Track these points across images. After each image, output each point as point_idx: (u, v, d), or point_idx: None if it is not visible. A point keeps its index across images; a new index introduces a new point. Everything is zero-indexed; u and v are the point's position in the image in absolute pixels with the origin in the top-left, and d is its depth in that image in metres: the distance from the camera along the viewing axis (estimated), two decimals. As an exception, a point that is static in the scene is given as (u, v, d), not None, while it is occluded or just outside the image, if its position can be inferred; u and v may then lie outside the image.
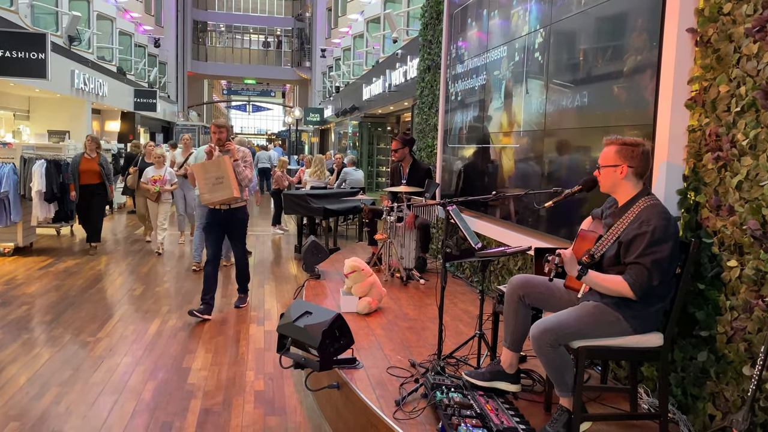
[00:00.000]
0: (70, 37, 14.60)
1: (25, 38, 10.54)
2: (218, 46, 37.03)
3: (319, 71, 30.82)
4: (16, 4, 12.07)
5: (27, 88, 12.77)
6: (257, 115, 54.98)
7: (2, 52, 10.13)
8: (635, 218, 2.65)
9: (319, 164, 10.86)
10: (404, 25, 14.68)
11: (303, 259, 6.22)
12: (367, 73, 18.06)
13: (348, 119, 20.64)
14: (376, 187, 17.96)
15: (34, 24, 13.36)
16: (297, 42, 36.43)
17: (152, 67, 24.41)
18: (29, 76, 10.55)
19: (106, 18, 18.17)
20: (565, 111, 4.02)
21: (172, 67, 29.76)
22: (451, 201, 3.47)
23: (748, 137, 2.52)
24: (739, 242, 2.58)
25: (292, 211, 8.87)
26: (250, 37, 37.66)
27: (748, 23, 2.54)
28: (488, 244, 5.18)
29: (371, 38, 18.39)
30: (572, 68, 3.95)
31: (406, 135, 6.66)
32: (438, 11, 7.26)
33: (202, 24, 36.13)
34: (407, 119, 15.88)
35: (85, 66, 14.82)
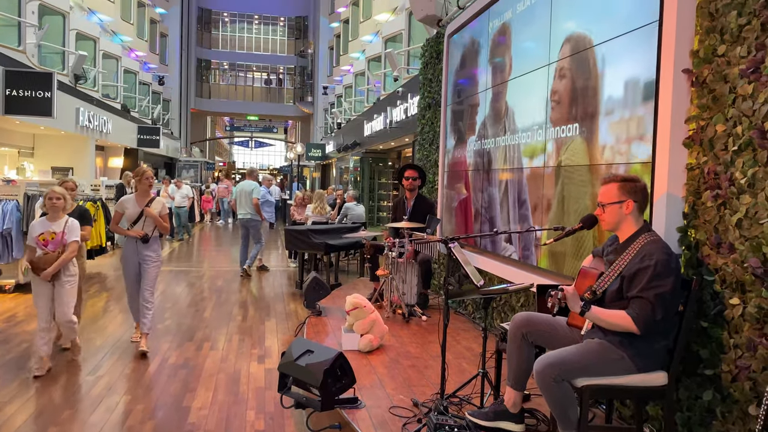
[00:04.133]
0: (76, 75, 14.85)
1: (31, 77, 10.72)
2: (221, 84, 37.55)
3: (321, 108, 31.18)
4: (24, 44, 12.31)
5: (32, 126, 12.92)
6: (259, 150, 55.35)
7: (9, 91, 10.29)
8: (637, 253, 2.67)
9: (320, 199, 10.92)
10: (405, 64, 14.91)
11: (304, 295, 6.21)
12: (368, 109, 18.26)
13: (349, 155, 20.79)
14: (377, 222, 17.98)
15: (41, 63, 13.59)
16: (299, 79, 36.95)
17: (156, 104, 24.74)
18: (35, 114, 10.69)
19: (111, 57, 18.50)
20: (565, 148, 4.06)
21: (176, 104, 30.15)
22: (453, 238, 3.48)
23: (746, 176, 2.55)
24: (740, 280, 2.58)
25: (294, 246, 8.87)
26: (253, 74, 38.21)
27: (743, 64, 2.59)
28: (490, 280, 5.17)
29: (372, 76, 18.66)
30: (574, 106, 4.01)
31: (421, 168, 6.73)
32: (438, 51, 7.39)
33: (206, 62, 36.71)
34: (408, 154, 15.99)
35: (89, 104, 15.02)
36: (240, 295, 8.39)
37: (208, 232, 18.53)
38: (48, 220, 4.89)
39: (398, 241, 5.92)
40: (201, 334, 6.24)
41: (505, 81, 5.14)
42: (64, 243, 4.82)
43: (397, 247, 5.90)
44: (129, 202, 5.47)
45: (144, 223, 5.43)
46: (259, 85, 38.03)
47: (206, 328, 6.47)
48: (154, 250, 5.51)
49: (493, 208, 5.35)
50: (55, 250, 4.78)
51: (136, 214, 5.43)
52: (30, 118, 11.22)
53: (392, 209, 7.01)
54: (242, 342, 5.95)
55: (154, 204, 5.49)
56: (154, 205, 5.47)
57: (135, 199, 5.48)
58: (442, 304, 3.38)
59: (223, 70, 37.84)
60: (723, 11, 2.72)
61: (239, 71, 37.78)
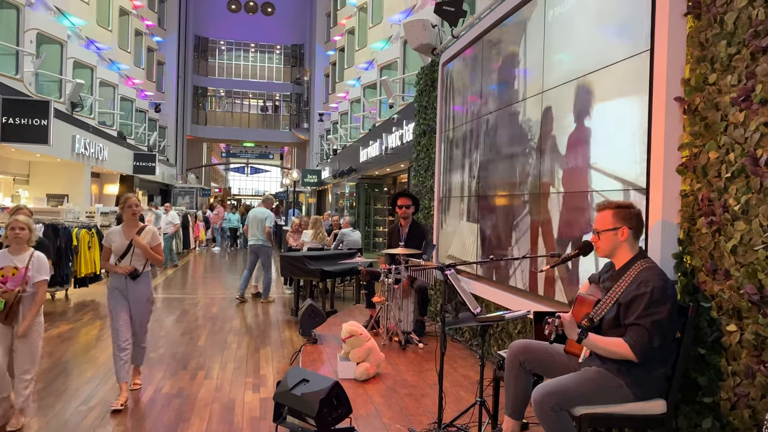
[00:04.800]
0: (73, 103, 14.92)
1: (28, 105, 10.76)
2: (218, 111, 37.81)
3: (316, 134, 31.38)
4: (22, 73, 12.39)
5: (27, 153, 12.95)
6: (255, 176, 55.51)
7: (6, 119, 10.32)
8: (633, 280, 2.67)
9: (317, 225, 10.92)
10: (400, 91, 15.06)
11: (300, 322, 6.17)
12: (364, 136, 18.38)
13: (345, 180, 20.86)
14: (373, 248, 17.96)
15: (38, 91, 13.66)
16: (295, 105, 37.24)
17: (152, 131, 24.84)
18: (31, 141, 10.71)
19: (108, 84, 18.62)
20: (556, 175, 4.09)
21: (172, 131, 30.29)
22: (450, 265, 3.48)
23: (740, 202, 2.56)
24: (737, 306, 2.58)
25: (289, 273, 8.84)
26: (249, 101, 38.51)
27: (734, 92, 2.63)
28: (487, 307, 5.15)
29: (368, 103, 18.82)
30: (565, 134, 4.04)
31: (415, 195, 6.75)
32: (432, 78, 7.47)
33: (202, 89, 37.01)
34: (404, 180, 16.06)
35: (86, 131, 15.07)
36: (235, 323, 8.33)
37: (203, 259, 18.47)
38: (10, 253, 4.18)
39: (394, 268, 5.91)
40: (195, 362, 6.17)
41: (500, 108, 5.19)
42: (27, 281, 4.09)
43: (393, 274, 5.88)
44: (115, 234, 4.92)
45: (132, 256, 4.84)
46: (255, 111, 38.32)
47: (200, 357, 6.40)
48: (145, 286, 4.94)
49: (497, 233, 5.35)
50: (15, 288, 4.03)
51: (123, 246, 4.85)
52: (26, 146, 11.25)
53: (388, 236, 7.01)
54: (237, 370, 5.89)
55: (144, 234, 4.91)
56: (143, 235, 4.90)
57: (122, 231, 4.91)
58: (439, 332, 3.36)
59: (219, 98, 38.14)
60: (713, 41, 2.76)
61: (235, 98, 38.08)
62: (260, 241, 10.08)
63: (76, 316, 8.64)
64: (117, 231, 4.94)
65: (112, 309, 4.85)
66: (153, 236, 4.96)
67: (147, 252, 4.84)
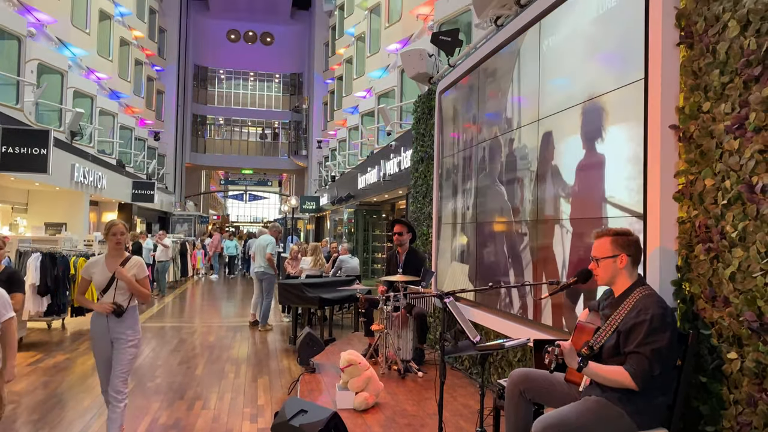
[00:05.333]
0: (72, 132, 14.99)
1: (28, 135, 10.82)
2: (217, 139, 38.05)
3: (315, 161, 31.52)
4: (22, 102, 12.48)
5: (26, 182, 12.97)
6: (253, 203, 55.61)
7: (5, 148, 10.37)
8: (632, 308, 2.66)
9: (317, 253, 10.91)
10: (397, 119, 15.18)
11: (298, 351, 6.11)
12: (362, 163, 18.47)
13: (343, 207, 20.90)
14: (371, 275, 17.91)
15: (38, 120, 13.74)
16: (294, 133, 37.50)
17: (151, 159, 24.94)
18: (31, 171, 10.74)
19: (108, 113, 18.75)
20: (553, 202, 4.10)
21: (171, 159, 30.42)
22: (448, 293, 3.47)
23: (737, 229, 2.57)
24: (737, 334, 2.57)
25: (287, 300, 8.79)
26: (248, 129, 38.79)
27: (727, 121, 2.65)
28: (486, 335, 5.12)
29: (366, 130, 18.96)
30: (563, 159, 4.06)
31: (410, 222, 6.76)
32: (429, 106, 7.54)
33: (202, 117, 37.29)
34: (402, 206, 16.09)
35: (85, 160, 15.12)
36: (232, 352, 8.26)
37: (200, 287, 18.39)
38: None
39: (392, 295, 5.89)
40: (192, 392, 6.11)
41: (497, 136, 5.23)
42: None
43: (391, 301, 5.86)
44: (96, 266, 4.33)
45: (116, 291, 4.24)
46: (254, 139, 38.56)
47: (198, 386, 6.34)
48: (130, 326, 4.29)
49: (499, 259, 5.35)
50: None
51: (105, 279, 4.26)
52: (25, 175, 11.27)
53: (386, 263, 7.00)
54: (234, 400, 5.82)
55: (129, 265, 4.31)
56: (128, 266, 4.30)
57: (104, 262, 4.31)
58: (439, 360, 3.34)
59: (218, 126, 38.42)
60: (706, 70, 2.80)
61: (234, 126, 38.35)
62: (262, 268, 10.12)
63: (72, 345, 8.56)
64: (99, 261, 4.35)
65: (94, 354, 4.35)
66: (140, 268, 4.36)
67: (132, 286, 4.24)
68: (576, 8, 3.95)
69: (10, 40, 12.43)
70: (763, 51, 2.49)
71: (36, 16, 14.36)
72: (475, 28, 7.33)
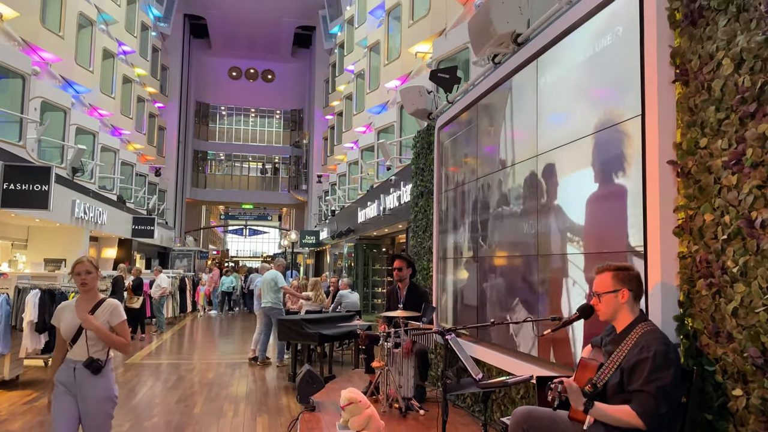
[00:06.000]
0: (74, 168, 15.08)
1: (30, 171, 10.87)
2: (217, 174, 38.29)
3: (315, 195, 31.64)
4: (25, 140, 12.58)
5: (27, 218, 12.98)
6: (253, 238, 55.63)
7: (7, 185, 10.41)
8: (635, 344, 2.64)
9: (318, 287, 10.87)
10: (397, 154, 15.29)
11: (297, 389, 6.03)
12: (362, 197, 18.53)
13: (343, 241, 20.88)
14: (371, 309, 17.79)
15: (40, 157, 13.84)
16: (294, 168, 37.74)
17: (152, 194, 25.03)
18: (31, 207, 10.76)
19: (109, 150, 18.89)
20: (552, 236, 4.11)
21: (172, 194, 30.54)
22: (450, 330, 3.44)
23: (738, 264, 2.57)
24: (741, 370, 2.54)
25: (287, 337, 8.71)
26: (248, 164, 39.06)
27: (725, 156, 2.68)
28: (489, 371, 5.06)
29: (366, 165, 19.08)
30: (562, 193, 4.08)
31: (409, 257, 6.74)
32: (429, 141, 7.61)
33: (203, 153, 37.57)
34: (402, 241, 16.07)
35: (86, 196, 15.17)
36: (231, 389, 8.15)
37: (199, 323, 18.25)
38: None
39: (393, 331, 5.84)
40: (191, 431, 6.01)
41: (495, 171, 5.26)
42: None
43: (392, 337, 5.81)
44: (66, 311, 3.72)
45: (88, 342, 3.60)
46: (255, 174, 38.79)
47: (196, 425, 6.24)
48: (103, 386, 3.62)
49: (496, 295, 5.32)
50: None
51: (74, 327, 3.62)
52: (26, 212, 11.29)
53: (386, 298, 6.96)
54: (233, 440, 5.73)
55: (101, 311, 3.69)
56: (100, 312, 3.68)
57: (75, 306, 3.70)
58: (441, 397, 3.29)
59: (219, 161, 38.69)
60: (702, 106, 2.83)
61: (235, 161, 38.63)
62: (270, 303, 10.05)
63: (69, 383, 8.46)
64: (69, 306, 3.75)
65: (53, 415, 3.61)
66: (113, 313, 3.73)
67: (103, 335, 3.58)
68: (572, 46, 4.02)
69: (15, 78, 12.60)
70: (757, 88, 2.52)
71: (41, 55, 14.59)
72: (473, 65, 7.45)
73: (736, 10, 2.67)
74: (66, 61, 15.67)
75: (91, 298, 3.73)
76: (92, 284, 3.71)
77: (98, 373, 3.57)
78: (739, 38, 2.63)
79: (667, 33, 3.08)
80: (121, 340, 3.69)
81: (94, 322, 3.57)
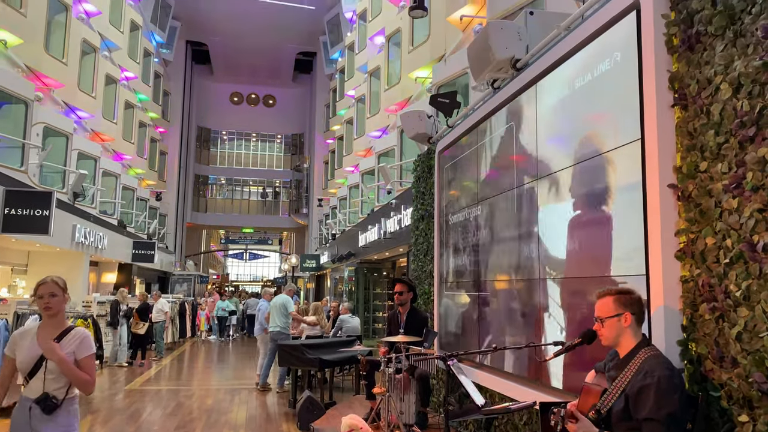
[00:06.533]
0: (75, 193, 15.12)
1: (31, 196, 10.90)
2: (218, 198, 38.38)
3: (315, 219, 31.67)
4: (26, 165, 12.63)
5: (27, 243, 12.97)
6: (253, 262, 55.52)
7: (8, 210, 10.42)
8: (638, 369, 2.61)
9: (319, 312, 10.81)
10: (398, 177, 15.34)
11: (298, 415, 5.97)
12: (362, 220, 18.55)
13: (344, 265, 20.83)
14: (372, 334, 17.68)
15: (42, 182, 13.88)
16: (295, 192, 37.85)
17: (152, 219, 25.05)
18: (32, 232, 10.77)
19: (111, 175, 18.96)
20: (553, 260, 4.09)
21: (172, 219, 30.57)
22: (451, 355, 3.41)
23: (741, 288, 2.55)
24: (747, 396, 2.51)
25: (287, 362, 8.65)
26: (249, 188, 39.18)
27: (725, 180, 2.68)
28: (491, 397, 5.01)
29: (366, 188, 19.13)
30: (565, 218, 4.08)
31: (410, 281, 6.71)
32: (429, 165, 7.64)
33: (204, 177, 37.71)
34: (403, 264, 16.03)
35: (86, 220, 15.19)
36: (230, 416, 8.06)
37: (198, 349, 18.12)
38: None
39: (394, 357, 5.78)
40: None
41: (495, 195, 5.27)
42: None
43: (393, 363, 5.75)
44: (24, 337, 3.24)
45: (46, 376, 3.12)
46: (255, 198, 38.88)
47: (195, 453, 6.16)
48: (63, 427, 3.17)
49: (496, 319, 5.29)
50: None
51: (33, 358, 3.15)
52: (27, 236, 11.29)
53: (387, 322, 6.92)
54: (232, 468, 5.64)
55: (67, 340, 3.20)
56: (66, 341, 3.19)
57: (36, 333, 3.22)
58: (443, 424, 3.25)
59: (220, 185, 38.82)
60: (701, 130, 2.85)
61: (236, 185, 38.76)
62: (278, 327, 9.97)
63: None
64: (29, 333, 3.26)
65: None
66: (82, 344, 3.23)
67: (66, 369, 3.10)
68: (571, 71, 4.05)
69: (18, 104, 12.70)
70: (756, 112, 2.53)
71: (44, 81, 14.73)
72: (472, 90, 7.51)
73: (733, 36, 2.70)
74: (69, 86, 15.82)
75: (57, 324, 3.24)
76: (57, 308, 3.22)
77: (51, 413, 3.07)
78: (737, 63, 2.65)
79: (665, 58, 3.11)
80: (85, 377, 3.15)
81: (58, 351, 3.08)
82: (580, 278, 3.79)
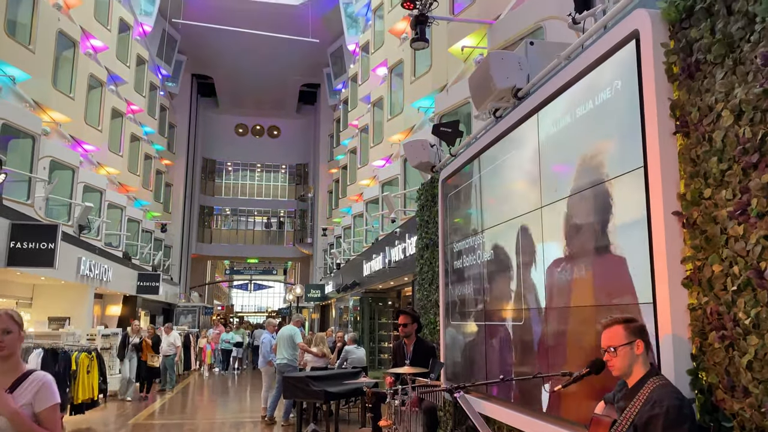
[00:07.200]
0: (81, 225, 15.17)
1: (36, 230, 10.93)
2: (223, 229, 38.47)
3: (320, 248, 31.64)
4: (33, 198, 12.71)
5: (32, 277, 12.97)
6: (258, 292, 55.34)
7: (13, 244, 10.44)
8: (647, 399, 2.57)
9: (323, 343, 10.73)
10: (401, 206, 15.36)
11: (303, 449, 5.87)
12: (367, 250, 18.51)
13: (349, 295, 20.74)
14: (378, 365, 17.49)
15: (48, 215, 13.94)
16: (299, 221, 37.93)
17: (157, 251, 25.07)
18: (37, 265, 10.76)
19: (116, 207, 19.04)
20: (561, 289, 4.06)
21: (177, 250, 30.60)
22: (458, 387, 3.37)
23: (750, 316, 2.52)
24: (760, 426, 2.46)
25: (292, 395, 8.54)
26: (254, 218, 39.29)
27: (730, 207, 2.66)
28: (499, 429, 4.92)
29: (370, 218, 19.15)
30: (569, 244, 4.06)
31: (414, 312, 6.66)
32: (433, 194, 7.64)
33: (209, 209, 37.86)
34: (408, 293, 15.94)
35: (92, 253, 15.20)
36: (235, 450, 7.94)
37: (203, 381, 17.94)
38: None
39: (401, 388, 5.71)
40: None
41: (498, 224, 5.25)
42: None
43: (399, 394, 5.68)
44: None
45: None
46: (260, 228, 38.96)
47: (198, 490, 6.05)
48: None
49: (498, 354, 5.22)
50: None
51: None
52: (32, 270, 11.28)
53: (392, 353, 6.85)
54: (236, 505, 5.53)
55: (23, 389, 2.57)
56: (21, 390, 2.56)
57: None
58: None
59: (224, 216, 38.95)
60: (704, 157, 2.84)
61: (240, 216, 38.89)
62: (285, 359, 9.84)
63: (69, 446, 8.25)
64: None
65: None
66: (41, 392, 2.60)
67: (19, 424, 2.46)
68: (572, 100, 4.07)
69: (25, 138, 12.84)
70: (758, 139, 2.53)
71: (51, 116, 14.91)
72: (474, 119, 7.56)
73: (732, 64, 2.71)
74: (75, 120, 16.01)
75: (11, 368, 2.58)
76: (12, 348, 2.56)
77: None
78: (737, 90, 2.66)
79: (665, 86, 3.12)
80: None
81: (10, 404, 2.45)
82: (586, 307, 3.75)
